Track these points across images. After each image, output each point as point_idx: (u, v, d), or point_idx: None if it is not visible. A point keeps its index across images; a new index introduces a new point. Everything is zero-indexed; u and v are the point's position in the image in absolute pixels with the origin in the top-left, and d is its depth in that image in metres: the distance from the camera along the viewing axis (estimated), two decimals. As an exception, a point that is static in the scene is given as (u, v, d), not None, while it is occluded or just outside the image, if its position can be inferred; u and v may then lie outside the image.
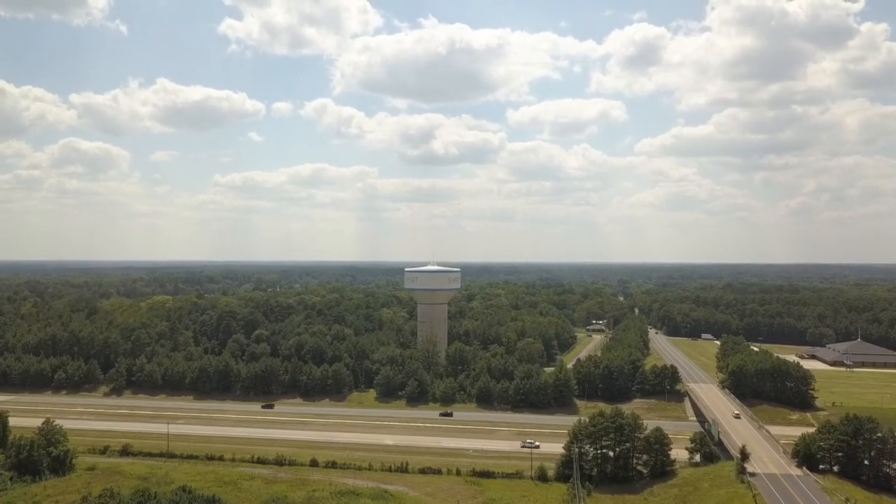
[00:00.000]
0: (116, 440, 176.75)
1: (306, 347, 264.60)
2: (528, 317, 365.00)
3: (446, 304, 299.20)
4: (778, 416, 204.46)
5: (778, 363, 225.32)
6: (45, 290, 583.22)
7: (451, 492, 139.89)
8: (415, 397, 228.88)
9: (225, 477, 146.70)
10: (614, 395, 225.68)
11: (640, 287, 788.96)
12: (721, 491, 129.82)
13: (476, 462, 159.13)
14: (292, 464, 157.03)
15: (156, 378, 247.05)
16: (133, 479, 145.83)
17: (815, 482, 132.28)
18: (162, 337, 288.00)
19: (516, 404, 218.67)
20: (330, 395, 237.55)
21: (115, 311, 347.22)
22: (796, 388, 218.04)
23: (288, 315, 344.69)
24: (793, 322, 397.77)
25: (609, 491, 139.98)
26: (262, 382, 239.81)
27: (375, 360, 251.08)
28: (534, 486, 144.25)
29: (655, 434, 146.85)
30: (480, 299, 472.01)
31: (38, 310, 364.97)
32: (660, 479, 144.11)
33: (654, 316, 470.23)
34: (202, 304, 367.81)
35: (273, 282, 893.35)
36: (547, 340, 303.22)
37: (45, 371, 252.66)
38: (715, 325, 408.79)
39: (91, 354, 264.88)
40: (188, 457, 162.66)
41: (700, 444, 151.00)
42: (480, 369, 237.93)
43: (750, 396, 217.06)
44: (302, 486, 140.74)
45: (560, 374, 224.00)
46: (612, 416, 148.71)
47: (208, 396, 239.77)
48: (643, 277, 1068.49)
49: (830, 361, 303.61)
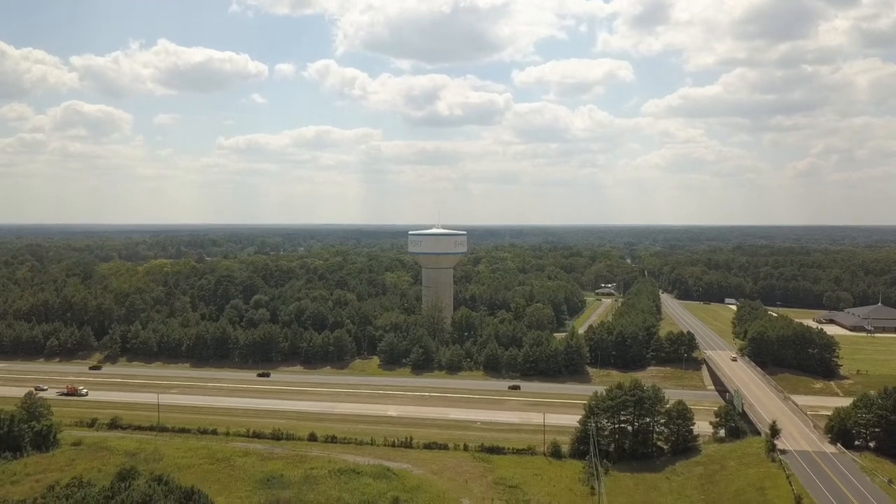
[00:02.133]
0: (106, 412, 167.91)
1: (307, 313, 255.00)
2: (536, 281, 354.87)
3: (452, 269, 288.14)
4: (801, 385, 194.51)
5: (800, 330, 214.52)
6: (45, 254, 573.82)
7: (458, 469, 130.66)
8: (420, 365, 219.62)
9: (217, 453, 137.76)
10: (628, 362, 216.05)
11: (648, 250, 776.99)
12: (751, 471, 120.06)
13: (484, 436, 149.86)
14: (289, 438, 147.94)
15: (151, 345, 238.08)
16: (120, 455, 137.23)
17: (852, 461, 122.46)
18: (158, 302, 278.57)
19: (525, 372, 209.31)
20: (331, 362, 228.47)
21: (112, 275, 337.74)
22: (819, 355, 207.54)
23: (288, 279, 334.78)
24: (808, 285, 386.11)
25: (628, 469, 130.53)
26: (261, 350, 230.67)
27: (379, 327, 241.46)
28: (547, 462, 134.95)
29: (678, 407, 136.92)
30: (487, 263, 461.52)
31: (33, 274, 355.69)
32: (682, 455, 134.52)
33: (665, 279, 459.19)
34: (201, 268, 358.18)
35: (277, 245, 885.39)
36: (556, 305, 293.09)
37: (36, 338, 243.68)
38: (728, 289, 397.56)
39: (84, 321, 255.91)
40: (180, 430, 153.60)
41: (725, 417, 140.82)
42: (488, 336, 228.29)
43: (771, 364, 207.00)
44: (299, 464, 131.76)
45: (571, 341, 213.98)
46: (630, 388, 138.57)
47: (205, 364, 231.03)
48: (650, 240, 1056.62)
49: (850, 326, 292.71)
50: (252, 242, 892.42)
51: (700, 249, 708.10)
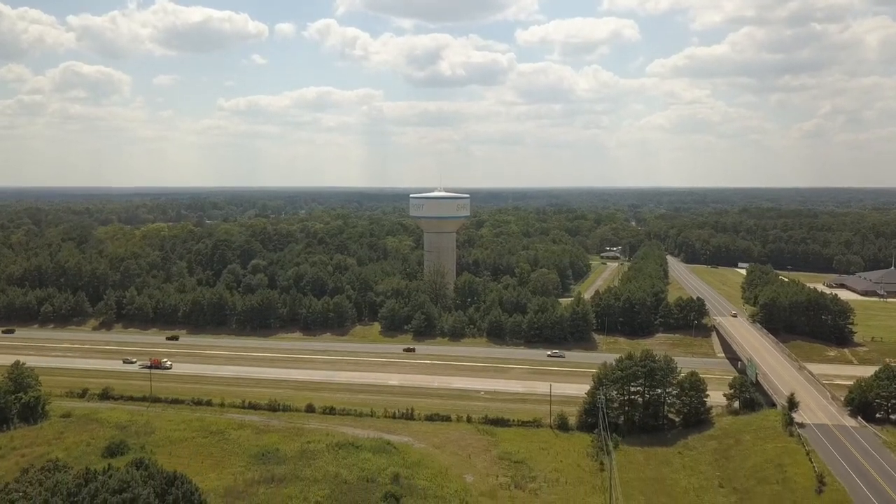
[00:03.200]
0: (99, 381, 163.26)
1: (306, 278, 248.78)
2: (541, 245, 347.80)
3: (454, 233, 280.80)
4: (814, 352, 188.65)
5: (813, 295, 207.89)
6: (44, 218, 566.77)
7: (461, 443, 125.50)
8: (421, 331, 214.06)
9: (211, 426, 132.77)
10: (635, 329, 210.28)
11: (653, 212, 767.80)
12: (768, 445, 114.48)
13: (488, 406, 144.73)
14: (286, 409, 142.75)
15: (147, 311, 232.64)
16: (110, 427, 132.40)
17: (874, 435, 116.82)
18: (154, 267, 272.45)
19: (530, 339, 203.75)
20: (331, 329, 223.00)
21: (108, 239, 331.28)
22: (833, 322, 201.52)
23: (287, 244, 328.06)
24: (818, 249, 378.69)
25: (638, 442, 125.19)
26: (259, 316, 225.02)
27: (380, 292, 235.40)
28: (553, 435, 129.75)
29: (690, 379, 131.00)
30: (490, 227, 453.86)
31: (28, 238, 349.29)
32: (694, 428, 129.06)
33: (671, 243, 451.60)
34: (199, 232, 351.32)
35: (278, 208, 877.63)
36: (561, 270, 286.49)
37: (30, 304, 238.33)
38: (735, 252, 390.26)
39: (79, 286, 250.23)
40: (173, 401, 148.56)
41: (739, 388, 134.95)
42: (491, 302, 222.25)
43: (783, 331, 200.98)
44: (296, 437, 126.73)
45: (577, 308, 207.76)
46: (641, 358, 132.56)
47: (202, 330, 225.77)
48: (654, 202, 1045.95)
49: (862, 291, 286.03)
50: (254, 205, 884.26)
51: (706, 212, 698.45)
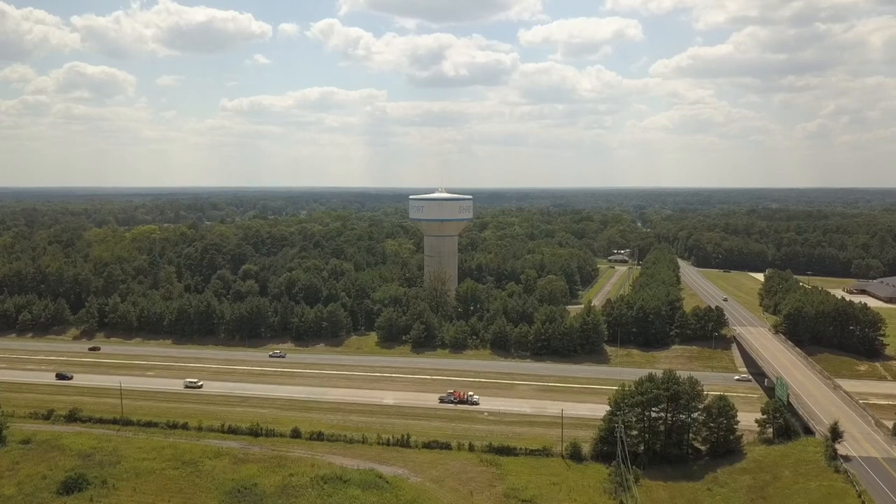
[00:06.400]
0: (68, 398, 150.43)
1: (298, 285, 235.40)
2: (547, 248, 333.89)
3: (456, 236, 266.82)
4: (843, 367, 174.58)
5: (841, 305, 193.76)
6: (39, 219, 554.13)
7: (462, 476, 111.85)
8: (421, 342, 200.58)
9: (185, 454, 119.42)
10: (649, 340, 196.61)
11: (658, 213, 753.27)
12: (811, 484, 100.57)
13: (492, 430, 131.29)
14: (270, 434, 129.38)
15: (130, 319, 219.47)
16: (72, 456, 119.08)
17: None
18: (140, 272, 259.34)
19: (537, 351, 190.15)
20: (325, 339, 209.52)
21: (95, 242, 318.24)
22: (862, 333, 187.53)
23: (282, 247, 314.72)
24: (834, 252, 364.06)
25: (661, 475, 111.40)
26: (249, 325, 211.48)
27: (377, 300, 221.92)
28: (565, 466, 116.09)
29: (719, 403, 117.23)
30: (493, 228, 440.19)
31: (14, 241, 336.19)
32: (723, 458, 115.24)
33: (681, 245, 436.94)
34: (191, 234, 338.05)
35: (279, 208, 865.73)
36: (569, 275, 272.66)
37: (8, 311, 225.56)
38: (749, 256, 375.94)
39: (60, 293, 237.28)
40: (146, 424, 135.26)
41: (773, 413, 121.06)
42: (495, 311, 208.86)
43: (808, 343, 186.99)
44: (277, 468, 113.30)
45: (588, 318, 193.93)
46: (663, 380, 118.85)
47: (189, 340, 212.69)
48: (659, 203, 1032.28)
49: (885, 298, 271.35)
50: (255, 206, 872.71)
51: (713, 213, 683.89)
